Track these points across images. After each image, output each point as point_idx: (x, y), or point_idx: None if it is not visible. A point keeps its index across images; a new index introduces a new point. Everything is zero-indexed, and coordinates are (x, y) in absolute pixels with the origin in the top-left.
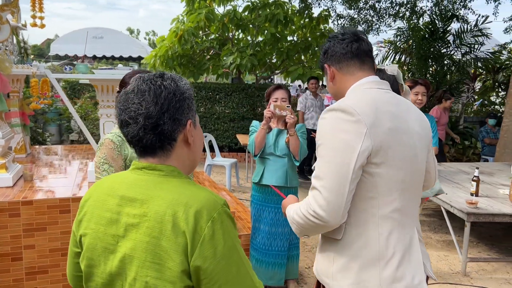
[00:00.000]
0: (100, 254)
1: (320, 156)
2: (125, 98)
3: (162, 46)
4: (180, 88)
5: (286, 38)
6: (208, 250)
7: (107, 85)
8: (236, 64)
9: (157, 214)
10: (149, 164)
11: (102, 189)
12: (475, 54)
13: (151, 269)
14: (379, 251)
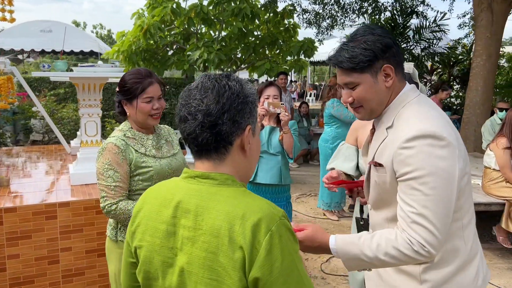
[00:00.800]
0: (158, 268)
1: (420, 190)
2: (188, 93)
3: (125, 41)
4: (244, 90)
5: (253, 33)
6: (266, 265)
7: (88, 84)
8: (203, 59)
9: (213, 228)
10: (203, 173)
11: (154, 200)
12: (433, 49)
13: (209, 286)
14: (466, 255)
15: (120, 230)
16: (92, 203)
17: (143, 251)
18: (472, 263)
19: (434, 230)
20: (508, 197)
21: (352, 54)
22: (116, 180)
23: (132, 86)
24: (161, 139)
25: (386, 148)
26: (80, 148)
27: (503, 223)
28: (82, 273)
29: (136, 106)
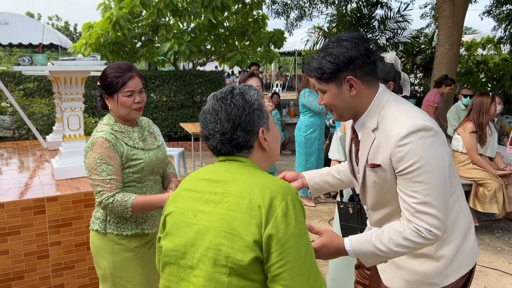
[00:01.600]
0: (179, 228)
1: (420, 181)
2: (204, 117)
3: (93, 33)
4: (248, 101)
5: (223, 24)
6: (281, 224)
7: (70, 77)
8: (173, 51)
9: (237, 192)
10: (233, 157)
11: (191, 178)
12: (397, 39)
13: (225, 238)
14: (466, 223)
15: (110, 223)
16: (80, 196)
17: (172, 216)
18: (471, 229)
19: (438, 214)
20: (474, 178)
21: (319, 66)
22: (110, 173)
23: (113, 80)
24: (144, 130)
25: (379, 149)
26: (63, 143)
27: (471, 202)
28: (72, 267)
29: (117, 100)
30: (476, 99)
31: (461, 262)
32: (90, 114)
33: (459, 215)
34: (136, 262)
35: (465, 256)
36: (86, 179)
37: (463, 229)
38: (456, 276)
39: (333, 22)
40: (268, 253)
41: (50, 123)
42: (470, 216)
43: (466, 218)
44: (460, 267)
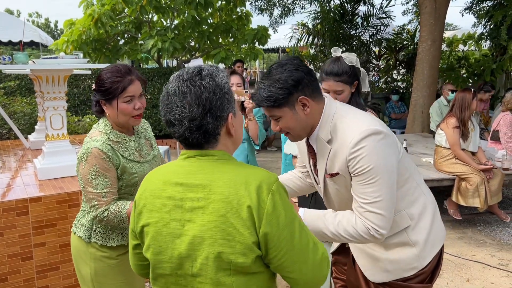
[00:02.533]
0: (167, 240)
1: (372, 183)
2: (168, 100)
3: (74, 30)
4: (219, 84)
5: (206, 21)
6: (273, 219)
7: (52, 76)
8: (157, 48)
9: (222, 195)
10: (201, 151)
11: (157, 181)
12: (380, 35)
13: (223, 246)
14: (431, 205)
15: (95, 232)
16: (64, 196)
17: (152, 227)
18: (436, 209)
19: (386, 214)
20: (457, 172)
21: (269, 94)
22: (106, 186)
23: (111, 86)
24: (141, 137)
25: (336, 157)
26: (45, 142)
27: (454, 196)
28: (57, 268)
29: (116, 107)
30: (458, 95)
31: (434, 240)
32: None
33: (424, 200)
34: (118, 269)
35: (436, 235)
36: (70, 179)
37: (430, 212)
38: (432, 255)
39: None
40: (266, 249)
41: (32, 122)
42: (432, 197)
43: (430, 201)
44: (434, 246)
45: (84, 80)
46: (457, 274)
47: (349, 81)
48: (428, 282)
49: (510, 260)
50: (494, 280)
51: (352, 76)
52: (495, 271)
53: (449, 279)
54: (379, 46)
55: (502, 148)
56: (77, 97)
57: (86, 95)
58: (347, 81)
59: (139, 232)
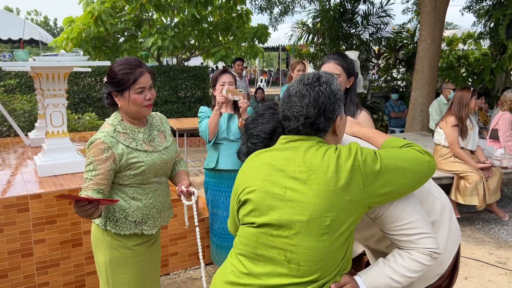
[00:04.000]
0: (270, 203)
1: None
2: (288, 99)
3: (74, 27)
4: (333, 91)
5: (206, 19)
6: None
7: (52, 73)
8: (157, 46)
9: (321, 167)
10: (303, 136)
11: (261, 157)
12: (380, 34)
13: (324, 210)
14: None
15: (109, 220)
16: (64, 193)
17: (255, 194)
18: (452, 211)
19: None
20: (456, 171)
21: (247, 150)
22: (92, 175)
23: (123, 77)
24: (153, 129)
25: None
26: (46, 140)
27: (452, 195)
28: (57, 264)
29: (128, 98)
30: (457, 94)
31: (452, 242)
32: (72, 110)
33: (441, 204)
34: (133, 260)
35: (453, 236)
36: (70, 176)
37: (447, 215)
38: (451, 257)
39: (316, 17)
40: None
41: (32, 119)
42: (446, 198)
43: (445, 203)
44: (452, 247)
45: (84, 78)
46: None
47: (346, 69)
48: (447, 285)
49: (508, 258)
50: (492, 278)
51: (350, 68)
52: (493, 269)
53: None
54: (379, 45)
55: (501, 146)
56: (77, 95)
57: (86, 92)
58: (345, 68)
59: (238, 199)
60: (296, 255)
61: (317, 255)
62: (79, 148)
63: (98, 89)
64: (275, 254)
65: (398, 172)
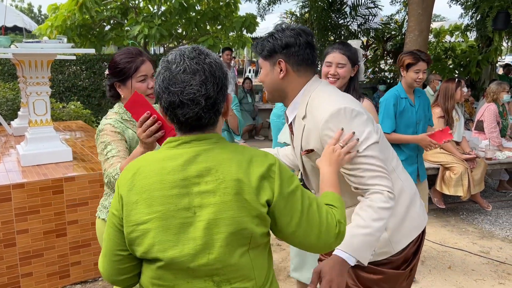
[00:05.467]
0: (178, 232)
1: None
2: (175, 79)
3: (59, 15)
4: (222, 63)
5: (194, 8)
6: (282, 187)
7: (35, 60)
8: (143, 34)
9: (231, 174)
10: (197, 136)
11: (150, 173)
12: (369, 25)
13: (241, 222)
14: (409, 194)
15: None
16: (48, 183)
17: (154, 223)
18: (415, 196)
19: (384, 171)
20: (441, 162)
21: (262, 44)
22: (114, 154)
23: (125, 66)
24: None
25: (310, 135)
26: (29, 128)
27: (438, 185)
28: (40, 255)
29: (131, 87)
30: (443, 85)
31: (409, 228)
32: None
33: (401, 186)
34: None
35: (412, 222)
36: (53, 166)
37: (407, 198)
38: (406, 241)
39: (305, 7)
40: (276, 216)
41: (15, 108)
42: (411, 184)
43: (408, 187)
44: (409, 232)
45: (69, 67)
46: (439, 261)
47: (351, 58)
48: (403, 270)
49: (491, 247)
50: (475, 267)
51: (355, 57)
52: (476, 258)
53: (432, 266)
54: (367, 36)
55: (485, 138)
56: (62, 84)
57: (71, 81)
58: (350, 57)
59: (130, 232)
60: (224, 276)
61: (246, 267)
62: (64, 137)
63: (83, 78)
64: (201, 283)
65: (304, 209)
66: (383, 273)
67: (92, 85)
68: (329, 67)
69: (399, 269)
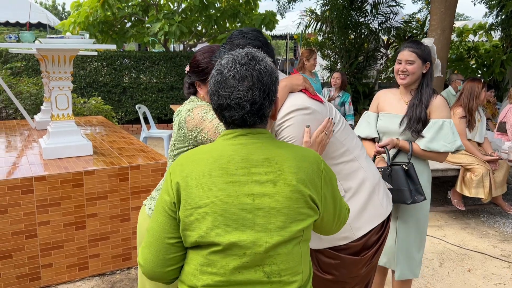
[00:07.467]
0: (237, 217)
1: None
2: (225, 83)
3: (81, 11)
4: (272, 69)
5: (214, 5)
6: (328, 183)
7: (58, 56)
8: (164, 31)
9: (290, 167)
10: (253, 129)
11: (207, 160)
12: (390, 23)
13: (299, 213)
14: (372, 182)
15: None
16: (68, 176)
17: (214, 206)
18: (379, 185)
19: None
20: (462, 163)
21: None
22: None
23: (207, 66)
24: None
25: (272, 129)
26: (51, 122)
27: (458, 187)
28: (60, 246)
29: None
30: (467, 84)
31: (371, 215)
32: (79, 94)
33: (364, 175)
34: None
35: (373, 210)
36: (74, 159)
37: (369, 186)
38: (367, 228)
39: (325, 5)
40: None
41: (38, 102)
42: (375, 173)
43: (370, 176)
44: (370, 219)
45: (90, 63)
46: (458, 264)
47: (421, 55)
48: (361, 256)
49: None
50: (495, 270)
51: (425, 54)
52: (497, 261)
53: (450, 269)
54: (388, 35)
55: (508, 139)
56: (84, 79)
57: (92, 77)
58: (419, 54)
59: (187, 216)
60: (275, 266)
61: (296, 260)
62: (84, 132)
63: (104, 74)
64: (252, 274)
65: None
66: (341, 258)
67: (112, 81)
68: (399, 65)
69: (358, 256)
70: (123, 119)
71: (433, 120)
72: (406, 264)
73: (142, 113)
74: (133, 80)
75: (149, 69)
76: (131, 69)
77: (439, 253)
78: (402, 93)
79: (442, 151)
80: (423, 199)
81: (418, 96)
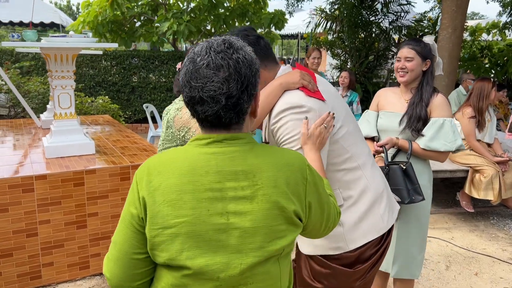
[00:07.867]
0: (210, 239)
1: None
2: (197, 73)
3: (90, 11)
4: (253, 59)
5: (223, 4)
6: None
7: (61, 54)
8: (172, 30)
9: (269, 180)
10: (231, 135)
11: (177, 172)
12: (400, 22)
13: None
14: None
15: None
16: (69, 175)
17: (184, 227)
18: (381, 197)
19: None
20: (471, 164)
21: None
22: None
23: None
24: None
25: (267, 127)
26: (53, 121)
27: (467, 188)
28: (61, 245)
29: None
30: (477, 84)
31: (368, 228)
32: (87, 93)
33: (365, 184)
34: None
35: (372, 222)
36: (76, 158)
37: (370, 198)
38: (362, 241)
39: (335, 4)
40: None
41: (45, 101)
42: (379, 184)
43: (373, 186)
44: (366, 233)
45: (100, 62)
46: (465, 267)
47: (420, 52)
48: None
49: None
50: (503, 274)
51: (425, 51)
52: (505, 265)
53: (457, 272)
54: (399, 34)
55: None
56: (93, 79)
57: (101, 76)
58: (418, 51)
59: (154, 236)
60: (252, 285)
61: (275, 277)
62: (90, 131)
63: (113, 73)
64: None
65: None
66: (332, 268)
67: (121, 81)
68: (399, 62)
69: (351, 268)
70: (131, 118)
71: (434, 119)
72: (404, 263)
73: (149, 112)
74: (142, 80)
75: (158, 68)
76: (140, 68)
77: (446, 256)
78: (402, 92)
79: (442, 150)
80: (421, 199)
81: (419, 94)
